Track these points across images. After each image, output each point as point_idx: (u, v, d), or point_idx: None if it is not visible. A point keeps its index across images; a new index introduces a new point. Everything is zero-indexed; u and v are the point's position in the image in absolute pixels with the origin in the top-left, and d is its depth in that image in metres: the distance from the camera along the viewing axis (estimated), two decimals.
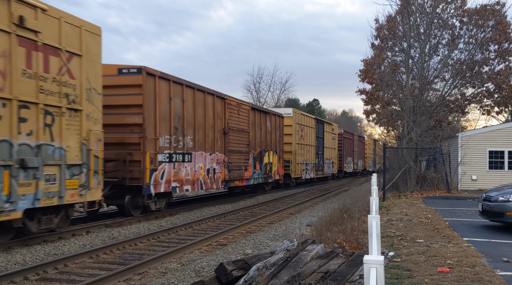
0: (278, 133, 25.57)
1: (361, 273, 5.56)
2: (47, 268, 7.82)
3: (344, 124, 73.14)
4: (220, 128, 18.31)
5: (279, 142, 25.68)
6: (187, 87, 15.68)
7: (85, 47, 10.90)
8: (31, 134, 9.34)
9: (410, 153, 23.15)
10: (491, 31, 25.04)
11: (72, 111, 10.50)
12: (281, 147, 26.00)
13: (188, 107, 15.75)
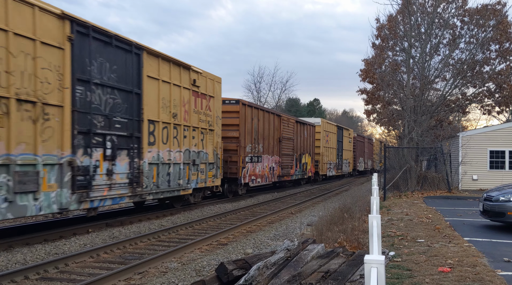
0: (311, 139, 31.83)
1: (361, 273, 5.55)
2: (47, 267, 7.82)
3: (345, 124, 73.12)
4: (277, 137, 24.87)
5: (312, 146, 31.83)
6: (260, 110, 22.70)
7: (215, 91, 17.74)
8: (196, 145, 16.25)
9: (410, 152, 23.14)
10: (492, 30, 25.02)
11: (210, 131, 17.35)
12: (313, 150, 32.22)
13: (260, 124, 22.31)
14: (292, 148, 27.26)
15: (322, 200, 21.54)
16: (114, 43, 11.83)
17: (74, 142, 10.41)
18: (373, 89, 32.16)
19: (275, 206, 18.44)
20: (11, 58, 8.88)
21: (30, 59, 9.31)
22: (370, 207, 8.32)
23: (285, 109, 61.99)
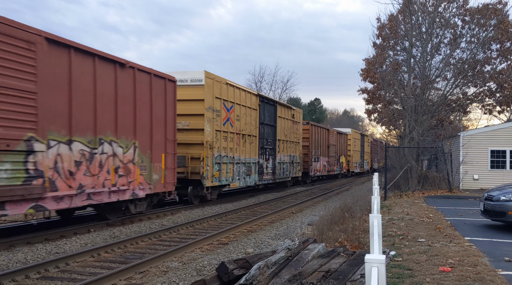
0: (345, 144, 43.21)
1: (362, 272, 5.55)
2: (48, 267, 7.83)
3: (346, 123, 73.12)
4: (326, 144, 35.59)
5: (345, 150, 43.38)
6: (318, 126, 33.74)
7: (300, 118, 29.17)
8: (293, 152, 27.38)
9: (411, 152, 23.13)
10: (493, 30, 25.00)
11: (297, 143, 28.30)
12: (346, 152, 43.74)
13: (318, 136, 33.24)
14: (335, 152, 38.41)
15: (323, 199, 21.54)
16: (270, 102, 23.85)
17: (259, 153, 22.26)
18: (374, 88, 32.14)
19: (276, 205, 18.44)
20: (244, 116, 20.34)
21: (247, 115, 20.69)
22: (370, 207, 8.32)
23: None
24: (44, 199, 9.72)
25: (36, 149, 9.43)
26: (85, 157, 10.89)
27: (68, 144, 10.40)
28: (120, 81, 12.04)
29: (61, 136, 10.18)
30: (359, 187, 28.23)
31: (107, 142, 11.68)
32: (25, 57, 9.30)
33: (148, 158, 13.42)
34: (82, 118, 10.77)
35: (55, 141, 10.01)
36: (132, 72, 12.57)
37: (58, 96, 10.12)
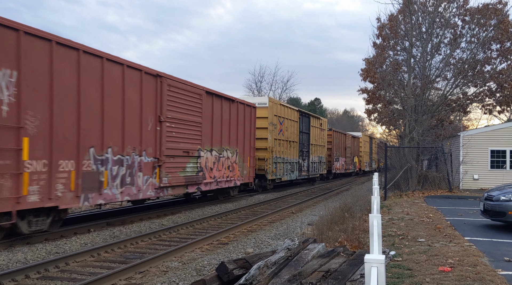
0: (358, 146, 48.78)
1: (362, 272, 5.55)
2: (48, 267, 7.83)
3: (346, 123, 73.13)
4: (343, 146, 41.44)
5: (358, 151, 48.85)
6: (337, 132, 39.48)
7: (325, 126, 34.89)
8: (321, 154, 33.06)
9: (411, 152, 23.13)
10: (493, 30, 25.00)
11: (323, 146, 33.90)
12: (358, 153, 49.19)
13: (337, 140, 39.04)
14: (350, 153, 44.30)
15: (323, 199, 21.54)
16: (305, 115, 29.41)
17: (299, 154, 27.64)
18: (374, 88, 32.16)
19: (275, 205, 18.44)
20: (290, 127, 26.06)
21: (292, 126, 26.13)
22: (370, 207, 8.32)
23: None
24: (201, 184, 16.34)
25: (200, 155, 16.18)
26: (216, 159, 17.47)
27: (210, 152, 16.99)
28: (231, 110, 18.65)
29: (208, 147, 16.79)
30: (359, 187, 28.25)
31: (225, 150, 18.26)
32: (197, 103, 15.88)
33: (242, 159, 19.96)
34: (216, 137, 17.41)
35: (206, 150, 16.63)
36: (236, 104, 19.18)
37: (210, 125, 16.91)
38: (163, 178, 13.95)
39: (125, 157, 12.35)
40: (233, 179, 18.93)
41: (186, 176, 15.19)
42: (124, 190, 12.25)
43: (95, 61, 11.10)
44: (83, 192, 10.79)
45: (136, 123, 12.79)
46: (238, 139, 19.30)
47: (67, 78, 10.31)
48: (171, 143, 14.39)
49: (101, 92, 11.38)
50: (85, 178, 10.85)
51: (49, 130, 9.92)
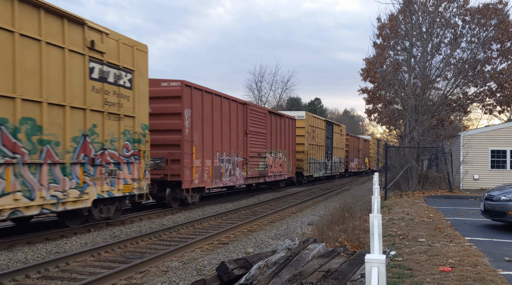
0: (368, 148, 54.20)
1: (362, 272, 5.55)
2: (48, 266, 7.83)
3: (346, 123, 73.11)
4: (357, 149, 47.24)
5: (368, 152, 54.33)
6: (352, 136, 45.45)
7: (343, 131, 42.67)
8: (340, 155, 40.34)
9: (412, 152, 23.12)
10: (493, 30, 24.99)
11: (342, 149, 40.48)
12: (369, 155, 54.71)
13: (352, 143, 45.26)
14: (362, 154, 50.30)
15: (323, 199, 21.53)
16: (329, 123, 36.31)
17: (325, 156, 34.36)
18: (374, 88, 32.14)
19: (276, 205, 18.44)
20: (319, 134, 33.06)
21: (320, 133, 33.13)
22: (371, 207, 8.32)
23: (286, 109, 62.01)
24: (266, 176, 23.29)
25: (266, 156, 23.03)
26: (274, 159, 24.33)
27: (270, 154, 23.84)
28: (280, 123, 25.57)
29: (269, 150, 23.63)
30: (359, 187, 28.22)
31: (278, 152, 25.21)
32: (264, 120, 22.73)
33: (288, 159, 27.03)
34: (273, 142, 24.40)
35: (268, 153, 23.54)
36: (284, 118, 26.23)
37: (270, 134, 23.73)
38: (248, 171, 21.21)
39: (231, 158, 19.45)
40: (283, 174, 26.25)
41: (259, 171, 22.59)
42: (230, 178, 19.41)
43: (217, 99, 18.16)
44: (214, 179, 17.82)
45: (235, 136, 19.76)
46: (285, 144, 26.44)
47: (207, 111, 17.33)
48: (252, 148, 21.50)
49: (221, 118, 18.39)
50: (215, 170, 17.85)
51: (201, 143, 16.89)
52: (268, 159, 23.48)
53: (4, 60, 8.82)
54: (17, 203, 8.96)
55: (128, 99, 12.56)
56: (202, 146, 16.76)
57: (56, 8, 9.95)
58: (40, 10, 9.59)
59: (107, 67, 11.60)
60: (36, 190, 9.44)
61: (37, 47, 9.52)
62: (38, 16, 9.57)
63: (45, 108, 9.72)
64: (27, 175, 9.26)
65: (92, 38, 11.03)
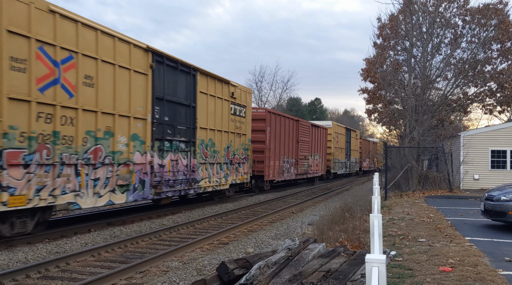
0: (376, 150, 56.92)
1: (362, 272, 5.55)
2: (49, 266, 7.83)
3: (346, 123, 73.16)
4: (367, 150, 54.37)
5: (376, 154, 56.79)
6: (365, 140, 55.06)
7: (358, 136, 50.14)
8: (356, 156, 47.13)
9: (412, 152, 23.12)
10: (493, 30, 24.99)
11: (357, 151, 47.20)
12: (377, 156, 56.84)
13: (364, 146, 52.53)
14: (372, 155, 56.31)
15: (323, 199, 21.53)
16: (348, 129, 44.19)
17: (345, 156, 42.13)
18: (375, 88, 32.16)
19: (276, 205, 18.44)
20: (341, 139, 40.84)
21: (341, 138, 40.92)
22: (371, 207, 8.32)
23: (286, 109, 62.04)
24: (307, 173, 30.10)
25: (308, 158, 29.96)
26: (313, 160, 30.92)
27: (311, 156, 30.48)
28: (317, 132, 31.98)
29: (310, 154, 30.37)
30: (359, 187, 28.22)
31: (315, 154, 31.63)
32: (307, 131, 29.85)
33: (321, 160, 33.41)
34: (313, 147, 30.93)
35: (310, 155, 30.36)
36: (319, 128, 32.66)
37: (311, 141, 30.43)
38: (298, 169, 27.85)
39: (289, 159, 26.32)
40: (318, 172, 33.00)
41: (304, 169, 29.18)
42: (288, 174, 26.22)
43: (282, 118, 25.17)
44: (279, 174, 24.77)
45: (291, 144, 26.69)
46: (319, 148, 32.94)
47: (277, 128, 24.25)
48: (300, 152, 28.24)
49: (284, 132, 25.33)
50: (280, 168, 24.76)
51: (274, 149, 23.71)
52: (310, 160, 30.49)
53: (204, 109, 16.43)
54: (205, 184, 16.65)
55: (243, 123, 19.96)
56: (274, 152, 23.89)
57: (222, 78, 17.73)
58: (215, 80, 17.21)
59: (236, 106, 19.07)
60: (211, 177, 17.09)
61: (215, 100, 17.21)
62: (215, 83, 17.19)
63: (217, 133, 17.41)
64: (209, 169, 16.86)
65: (232, 90, 18.60)
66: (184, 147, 15.13)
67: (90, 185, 10.99)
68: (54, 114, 9.99)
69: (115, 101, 11.78)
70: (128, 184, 12.30)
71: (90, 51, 10.93)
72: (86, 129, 10.89)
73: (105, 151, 11.48)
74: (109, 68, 11.57)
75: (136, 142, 12.69)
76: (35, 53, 9.50)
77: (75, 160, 10.54)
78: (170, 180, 14.23)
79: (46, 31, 9.76)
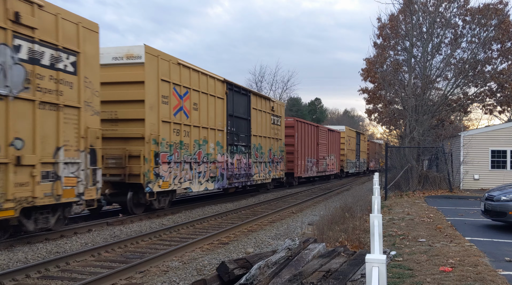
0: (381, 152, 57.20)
1: (363, 272, 5.54)
2: (48, 266, 7.83)
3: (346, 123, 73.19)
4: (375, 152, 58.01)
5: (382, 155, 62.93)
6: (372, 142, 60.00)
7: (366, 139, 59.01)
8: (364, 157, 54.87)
9: (412, 152, 23.11)
10: (494, 30, 24.98)
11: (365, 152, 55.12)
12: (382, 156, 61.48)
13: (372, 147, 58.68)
14: (378, 155, 56.45)
15: (323, 199, 21.53)
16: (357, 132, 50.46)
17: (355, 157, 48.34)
18: (375, 88, 32.15)
19: (276, 205, 18.43)
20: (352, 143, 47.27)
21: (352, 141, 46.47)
22: (371, 207, 8.32)
23: (286, 109, 61.99)
24: (326, 172, 35.60)
25: (326, 158, 35.38)
26: (329, 160, 36.43)
27: (328, 156, 36.02)
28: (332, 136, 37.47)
29: (328, 154, 35.79)
30: (359, 187, 28.24)
31: (331, 155, 37.20)
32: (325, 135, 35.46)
33: (336, 160, 38.76)
34: (329, 149, 36.47)
35: (327, 156, 35.88)
36: (334, 132, 38.13)
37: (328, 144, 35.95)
38: (318, 168, 32.61)
39: (311, 159, 30.90)
40: (333, 170, 38.07)
41: (323, 168, 34.29)
42: (310, 172, 30.67)
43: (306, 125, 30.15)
44: (304, 172, 29.34)
45: (312, 146, 31.26)
46: (334, 149, 38.09)
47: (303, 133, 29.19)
48: (320, 153, 33.05)
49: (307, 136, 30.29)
50: (305, 167, 29.45)
51: (300, 151, 28.72)
52: (327, 160, 35.64)
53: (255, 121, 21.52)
54: (257, 177, 21.84)
55: (279, 130, 25.07)
56: (301, 153, 28.78)
57: (266, 96, 23.39)
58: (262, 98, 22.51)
59: (274, 117, 24.12)
60: (260, 173, 22.16)
61: (261, 113, 22.21)
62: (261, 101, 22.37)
63: (263, 138, 22.46)
64: (259, 167, 21.91)
65: (272, 105, 23.61)
66: (244, 149, 20.23)
67: (196, 176, 16.08)
68: (180, 130, 15.07)
69: (208, 119, 16.82)
70: (215, 176, 17.44)
71: (196, 87, 16.06)
72: (194, 139, 15.95)
73: (203, 153, 16.53)
74: (204, 96, 16.64)
75: (218, 147, 17.74)
76: (172, 92, 14.64)
77: (189, 159, 15.60)
78: (237, 174, 19.44)
79: (176, 77, 14.89)
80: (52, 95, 9.96)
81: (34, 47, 9.54)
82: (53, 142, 9.92)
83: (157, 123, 13.76)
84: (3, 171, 8.71)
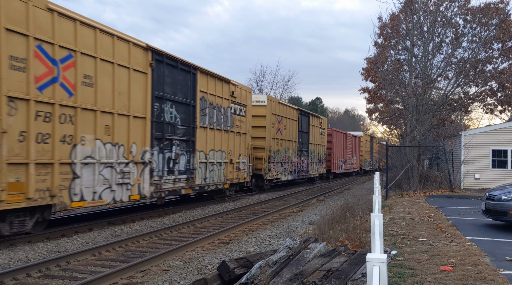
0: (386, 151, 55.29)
1: (363, 272, 5.54)
2: (49, 265, 7.84)
3: (347, 123, 73.25)
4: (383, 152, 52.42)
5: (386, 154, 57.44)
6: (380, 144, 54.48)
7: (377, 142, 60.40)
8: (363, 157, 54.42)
9: (413, 151, 23.09)
10: (494, 29, 24.95)
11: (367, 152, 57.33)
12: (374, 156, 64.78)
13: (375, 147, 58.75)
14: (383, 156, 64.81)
15: (324, 199, 21.53)
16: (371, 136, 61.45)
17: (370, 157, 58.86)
18: (375, 88, 32.13)
19: (276, 204, 18.44)
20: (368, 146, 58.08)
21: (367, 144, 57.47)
22: (372, 206, 8.31)
23: None
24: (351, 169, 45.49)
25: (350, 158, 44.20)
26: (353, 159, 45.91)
27: (352, 157, 45.38)
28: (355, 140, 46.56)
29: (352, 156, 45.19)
30: (360, 186, 28.24)
31: (354, 156, 46.30)
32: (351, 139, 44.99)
33: (357, 160, 48.27)
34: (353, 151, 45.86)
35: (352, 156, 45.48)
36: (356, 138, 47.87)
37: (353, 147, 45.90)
38: (346, 166, 41.73)
39: (341, 159, 39.93)
40: (355, 168, 46.50)
41: (349, 166, 43.09)
42: (341, 169, 39.96)
43: (338, 133, 39.82)
44: (337, 168, 38.85)
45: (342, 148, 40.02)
46: (356, 151, 45.64)
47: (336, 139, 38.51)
48: (347, 154, 41.93)
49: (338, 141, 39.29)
50: (338, 165, 39.02)
51: (335, 153, 38.16)
52: (351, 160, 43.94)
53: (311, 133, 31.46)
54: (311, 173, 31.44)
55: (323, 138, 33.67)
56: (335, 154, 37.56)
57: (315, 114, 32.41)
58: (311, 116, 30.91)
59: (321, 129, 33.12)
60: (313, 170, 31.50)
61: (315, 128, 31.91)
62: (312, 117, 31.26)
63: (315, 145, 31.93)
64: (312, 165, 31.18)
65: (320, 121, 33.13)
66: (305, 153, 29.45)
67: (283, 171, 25.12)
68: (281, 144, 24.88)
69: (288, 135, 26.00)
70: (291, 171, 26.50)
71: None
72: (284, 147, 25.20)
73: (287, 156, 25.58)
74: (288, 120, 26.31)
75: (293, 151, 26.87)
76: (275, 120, 24.36)
77: (281, 160, 24.54)
78: (301, 170, 28.56)
79: None
80: (239, 128, 19.44)
81: (235, 106, 19.10)
82: (237, 151, 19.29)
83: (270, 139, 23.10)
84: (230, 166, 18.52)
